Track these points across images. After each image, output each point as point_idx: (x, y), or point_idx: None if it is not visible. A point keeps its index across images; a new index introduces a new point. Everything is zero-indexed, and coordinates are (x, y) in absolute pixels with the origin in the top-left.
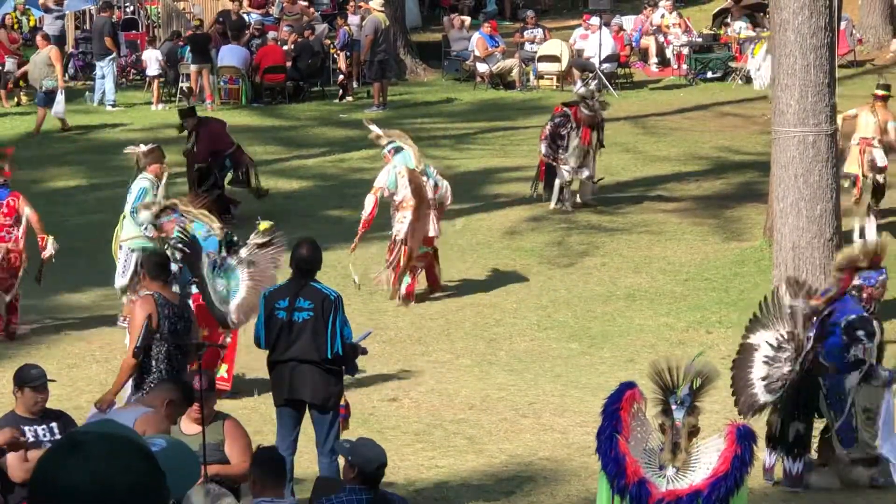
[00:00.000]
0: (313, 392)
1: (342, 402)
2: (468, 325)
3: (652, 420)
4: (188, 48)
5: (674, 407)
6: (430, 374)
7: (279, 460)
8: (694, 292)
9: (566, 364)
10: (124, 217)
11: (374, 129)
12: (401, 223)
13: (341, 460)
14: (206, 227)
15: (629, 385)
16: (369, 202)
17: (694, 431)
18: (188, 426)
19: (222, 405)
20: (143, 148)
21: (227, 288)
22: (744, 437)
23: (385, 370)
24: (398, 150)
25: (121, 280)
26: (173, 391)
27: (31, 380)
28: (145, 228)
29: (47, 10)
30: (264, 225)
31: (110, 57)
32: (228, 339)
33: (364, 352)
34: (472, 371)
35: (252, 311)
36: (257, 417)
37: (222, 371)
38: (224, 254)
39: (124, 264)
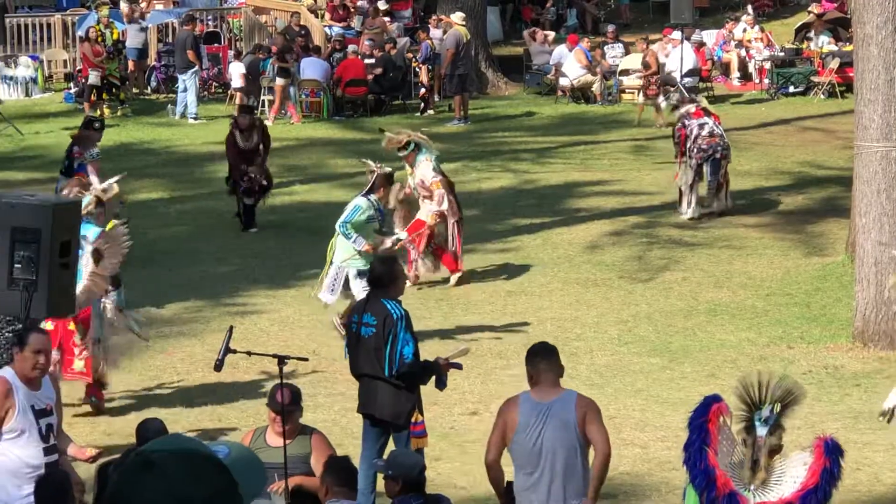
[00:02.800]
0: (381, 408)
1: (413, 419)
2: (549, 338)
3: (736, 435)
4: (270, 61)
5: (757, 424)
6: (510, 388)
7: (350, 468)
8: (775, 307)
9: (647, 379)
10: (338, 234)
11: (389, 134)
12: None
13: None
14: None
15: (715, 398)
16: (438, 196)
17: (776, 450)
18: (273, 438)
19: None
20: (380, 169)
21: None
22: (832, 451)
23: (466, 384)
24: (417, 147)
25: (329, 297)
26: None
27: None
28: None
29: (131, 21)
30: (111, 224)
31: (193, 70)
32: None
33: (459, 367)
34: None
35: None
36: (338, 431)
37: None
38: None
39: (333, 281)
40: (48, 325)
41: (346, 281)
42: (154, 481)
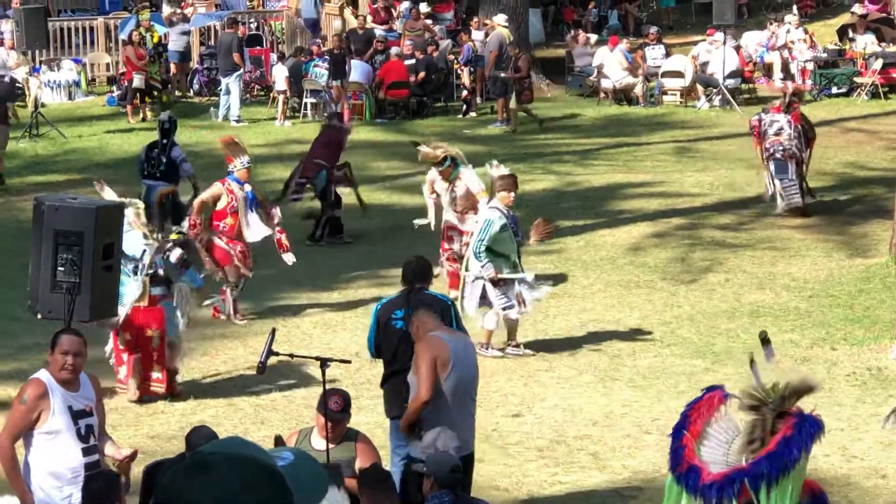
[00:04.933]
0: None
1: None
2: (591, 340)
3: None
4: (312, 64)
5: (767, 404)
6: (553, 390)
7: (386, 476)
8: (818, 309)
9: (690, 380)
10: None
11: (423, 148)
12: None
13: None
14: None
15: (713, 388)
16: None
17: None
18: (318, 442)
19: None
20: (499, 170)
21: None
22: (803, 423)
23: (508, 386)
24: (454, 161)
25: (472, 307)
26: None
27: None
28: None
29: (171, 24)
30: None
31: (237, 73)
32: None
33: None
34: (595, 387)
35: None
36: (381, 432)
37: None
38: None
39: (470, 292)
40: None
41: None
42: (205, 484)
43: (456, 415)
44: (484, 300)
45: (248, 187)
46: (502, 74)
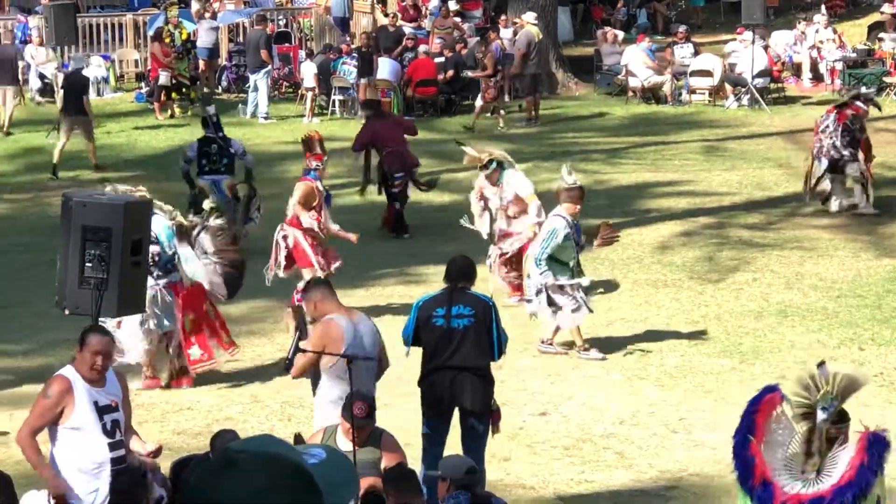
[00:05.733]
0: (473, 399)
1: (494, 407)
2: (618, 339)
3: (796, 423)
4: (341, 61)
5: (819, 411)
6: (580, 389)
7: (411, 475)
8: (846, 309)
9: (717, 380)
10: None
11: (469, 150)
12: (534, 218)
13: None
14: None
15: (770, 388)
16: (533, 208)
17: (835, 438)
18: (344, 442)
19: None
20: (569, 178)
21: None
22: (873, 445)
23: (535, 384)
24: (500, 164)
25: (535, 308)
26: None
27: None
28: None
29: (201, 19)
30: (208, 204)
31: (265, 70)
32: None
33: None
34: (622, 386)
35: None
36: (408, 429)
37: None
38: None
39: (537, 300)
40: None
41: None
42: (233, 482)
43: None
44: (552, 305)
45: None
46: (470, 74)
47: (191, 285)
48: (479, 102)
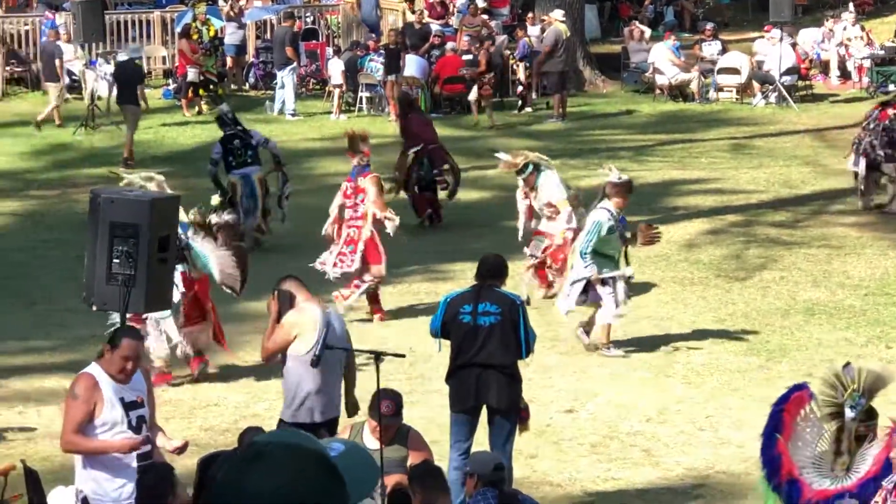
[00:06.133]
0: (499, 397)
1: (522, 405)
2: (645, 337)
3: (824, 422)
4: (368, 58)
5: (846, 409)
6: (607, 386)
7: (437, 472)
8: (874, 307)
9: (744, 378)
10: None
11: (503, 156)
12: (564, 224)
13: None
14: None
15: (799, 387)
16: (564, 215)
17: (863, 435)
18: (371, 440)
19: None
20: (614, 175)
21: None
22: None
23: (562, 382)
24: (536, 168)
25: (564, 305)
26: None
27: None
28: None
29: (230, 19)
30: (216, 200)
31: (291, 66)
32: None
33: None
34: (649, 383)
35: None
36: (434, 427)
37: None
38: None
39: (569, 292)
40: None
41: (585, 288)
42: (260, 473)
43: (323, 382)
44: (583, 300)
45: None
46: (465, 72)
47: (199, 277)
48: (472, 97)
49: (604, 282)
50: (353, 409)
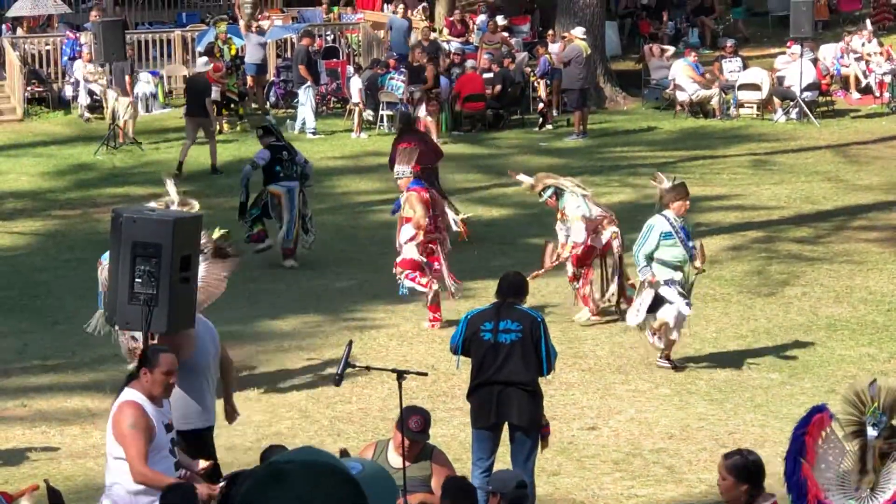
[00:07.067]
0: (520, 414)
1: (543, 422)
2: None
3: (846, 442)
4: (388, 76)
5: (868, 428)
6: (629, 403)
7: (469, 488)
8: None
9: (766, 394)
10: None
11: (524, 178)
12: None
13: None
14: None
15: (819, 409)
16: (576, 229)
17: (887, 453)
18: (395, 457)
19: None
20: (665, 182)
21: None
22: None
23: (584, 399)
24: (558, 192)
25: (634, 318)
26: None
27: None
28: None
29: (252, 30)
30: (218, 232)
31: (305, 85)
32: None
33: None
34: (671, 400)
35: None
36: (456, 445)
37: None
38: None
39: (640, 301)
40: None
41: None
42: (282, 493)
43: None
44: (653, 310)
45: None
46: (413, 88)
47: None
48: (422, 113)
49: (660, 286)
50: (232, 414)
